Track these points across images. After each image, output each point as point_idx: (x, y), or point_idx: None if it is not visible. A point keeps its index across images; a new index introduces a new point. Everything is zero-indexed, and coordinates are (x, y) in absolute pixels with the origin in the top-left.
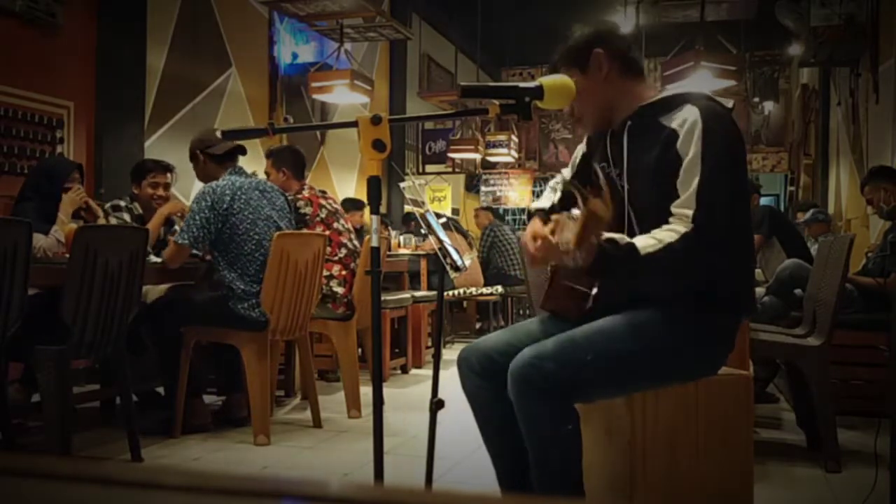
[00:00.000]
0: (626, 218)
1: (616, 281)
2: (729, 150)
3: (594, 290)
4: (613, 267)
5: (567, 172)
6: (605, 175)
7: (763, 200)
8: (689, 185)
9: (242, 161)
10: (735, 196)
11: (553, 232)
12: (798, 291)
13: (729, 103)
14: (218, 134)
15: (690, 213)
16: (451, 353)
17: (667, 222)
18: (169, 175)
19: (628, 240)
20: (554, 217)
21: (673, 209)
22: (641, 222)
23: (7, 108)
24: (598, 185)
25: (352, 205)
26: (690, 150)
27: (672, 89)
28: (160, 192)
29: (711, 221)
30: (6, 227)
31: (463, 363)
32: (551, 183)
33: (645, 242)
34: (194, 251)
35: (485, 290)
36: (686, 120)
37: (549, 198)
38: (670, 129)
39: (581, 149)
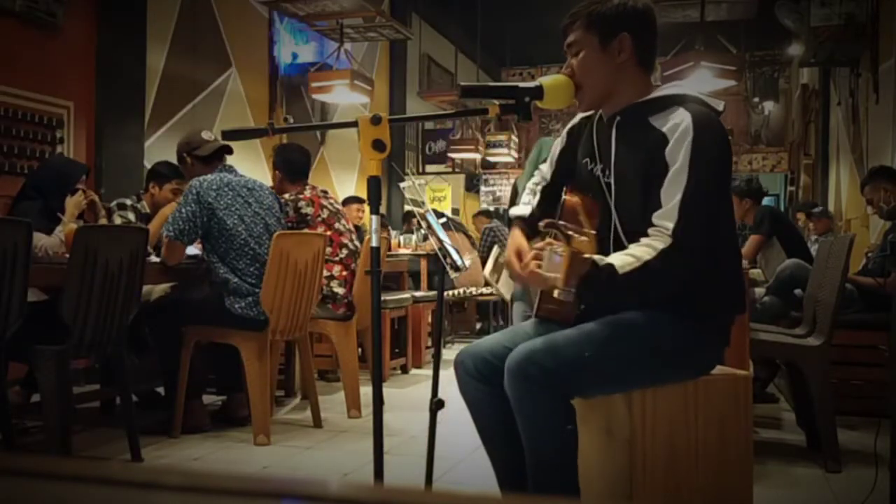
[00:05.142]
0: (611, 217)
1: (597, 299)
2: (718, 163)
3: (581, 305)
4: (594, 288)
5: (546, 168)
6: (588, 173)
7: (763, 200)
8: (672, 196)
9: (240, 160)
10: (720, 210)
11: (538, 259)
12: (798, 291)
13: (720, 105)
14: (204, 135)
15: (671, 225)
16: (451, 353)
17: (648, 230)
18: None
19: (607, 260)
20: (537, 246)
21: (654, 219)
22: (625, 223)
23: (7, 108)
24: (578, 185)
25: (353, 199)
26: (678, 160)
27: (665, 88)
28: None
29: (691, 236)
30: (6, 227)
31: (459, 366)
32: (529, 185)
33: (623, 261)
34: (194, 251)
35: (485, 290)
36: (677, 125)
37: (528, 202)
38: (660, 133)
39: (559, 144)
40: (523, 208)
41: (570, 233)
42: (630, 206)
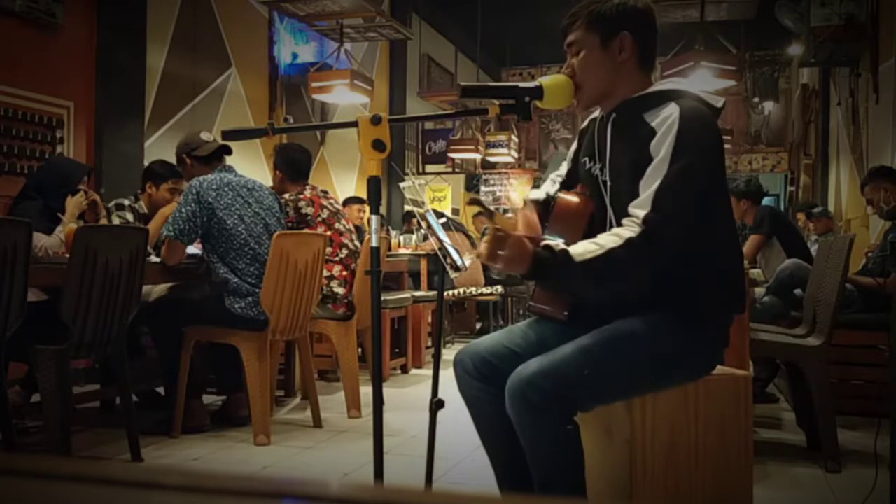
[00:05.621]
0: (607, 216)
1: (556, 287)
2: (702, 155)
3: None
4: (547, 273)
5: (564, 168)
6: (587, 172)
7: (763, 200)
8: (650, 185)
9: (240, 161)
10: (700, 201)
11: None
12: (798, 291)
13: (719, 102)
14: (203, 135)
15: (643, 213)
16: (451, 353)
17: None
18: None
19: (563, 246)
20: (488, 228)
21: (629, 208)
22: (620, 220)
23: (7, 108)
24: (584, 184)
25: (354, 199)
26: (661, 151)
27: (663, 83)
28: (178, 197)
29: (664, 225)
30: (6, 227)
31: (459, 365)
32: (552, 175)
33: (585, 248)
34: (194, 251)
35: (485, 290)
36: (665, 119)
37: (546, 189)
38: (650, 127)
39: (574, 145)
40: (538, 192)
41: (491, 209)
42: (623, 203)
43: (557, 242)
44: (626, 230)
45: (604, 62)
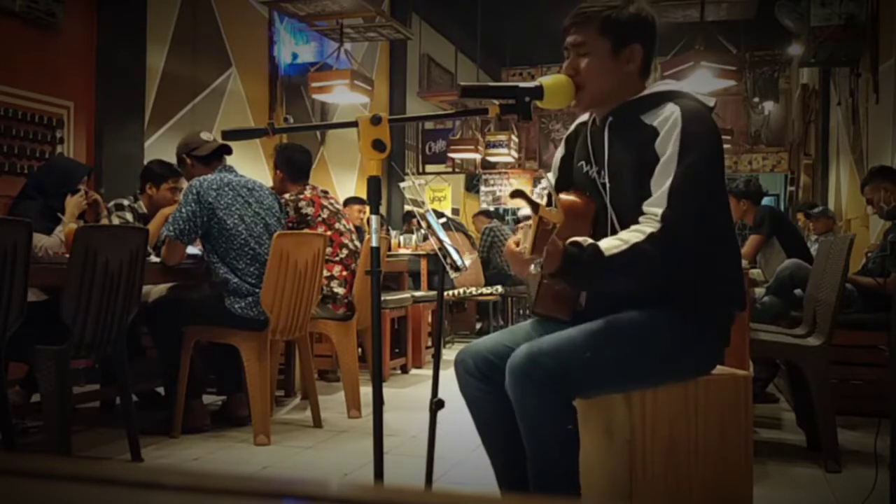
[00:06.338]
0: (608, 218)
1: (585, 283)
2: (707, 153)
3: (581, 299)
4: (578, 269)
5: (551, 177)
6: (584, 175)
7: (763, 200)
8: (662, 184)
9: (240, 161)
10: (709, 197)
11: (517, 242)
12: (798, 291)
13: (711, 101)
14: (203, 135)
15: (660, 211)
16: (451, 353)
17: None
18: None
19: (591, 241)
20: (519, 226)
21: (644, 207)
22: (623, 222)
23: (7, 108)
24: (580, 188)
25: (354, 200)
26: (668, 150)
27: (656, 86)
28: (178, 196)
29: (681, 221)
30: (6, 227)
31: (460, 365)
32: (537, 189)
33: (610, 244)
34: (194, 251)
35: (485, 290)
36: (667, 118)
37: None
38: (651, 127)
39: (560, 152)
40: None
41: (536, 201)
42: (626, 203)
43: (585, 238)
44: (646, 226)
45: (611, 69)
